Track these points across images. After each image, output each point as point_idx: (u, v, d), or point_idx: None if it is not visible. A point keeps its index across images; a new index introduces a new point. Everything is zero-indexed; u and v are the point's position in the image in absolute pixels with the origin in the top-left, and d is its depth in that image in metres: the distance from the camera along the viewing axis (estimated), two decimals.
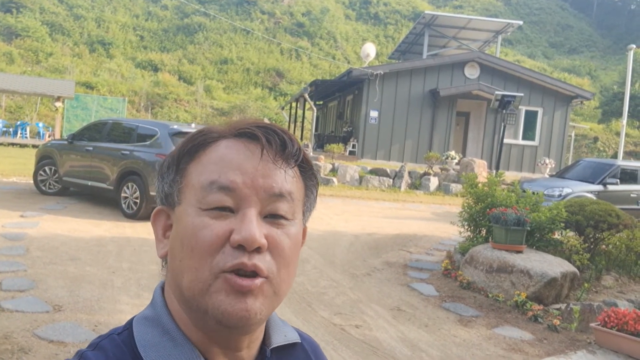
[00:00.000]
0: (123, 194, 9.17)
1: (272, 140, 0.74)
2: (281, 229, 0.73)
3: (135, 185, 8.99)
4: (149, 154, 8.99)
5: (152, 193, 8.73)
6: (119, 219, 8.91)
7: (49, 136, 23.39)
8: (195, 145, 0.76)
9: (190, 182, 0.74)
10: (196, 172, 0.74)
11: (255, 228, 0.69)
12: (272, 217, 0.73)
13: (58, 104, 23.29)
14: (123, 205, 9.15)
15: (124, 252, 6.87)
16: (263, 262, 0.71)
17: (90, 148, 9.98)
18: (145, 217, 8.93)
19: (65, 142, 10.66)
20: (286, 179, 0.74)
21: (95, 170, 9.80)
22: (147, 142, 9.21)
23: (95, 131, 10.42)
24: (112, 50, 39.33)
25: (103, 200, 10.22)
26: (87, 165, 9.98)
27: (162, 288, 0.79)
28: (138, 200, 8.94)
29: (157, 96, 33.36)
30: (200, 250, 0.70)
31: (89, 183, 9.91)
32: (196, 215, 0.72)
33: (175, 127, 9.34)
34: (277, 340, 0.82)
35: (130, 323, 0.77)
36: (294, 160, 0.76)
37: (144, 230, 8.21)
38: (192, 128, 9.50)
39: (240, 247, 0.69)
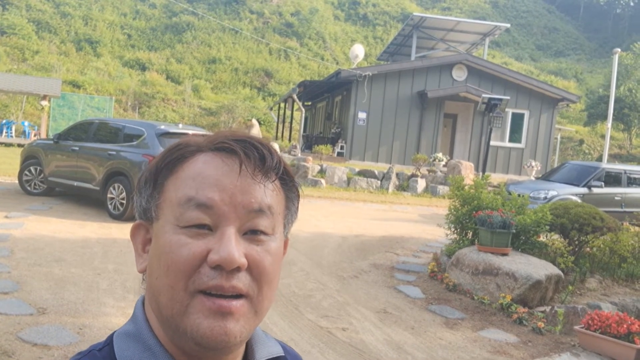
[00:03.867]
0: (109, 195, 9.10)
1: (251, 155, 0.72)
2: (261, 245, 0.72)
3: (121, 186, 8.94)
4: (136, 154, 8.94)
5: None
6: (105, 220, 8.85)
7: (35, 135, 23.15)
8: (172, 160, 0.75)
9: (168, 198, 0.73)
10: (174, 188, 0.73)
11: (233, 248, 0.68)
12: (251, 233, 0.72)
13: (44, 103, 23.06)
14: (109, 206, 9.09)
15: (110, 253, 6.82)
16: (242, 282, 0.69)
17: (77, 148, 9.91)
18: (132, 218, 8.84)
19: (51, 142, 10.57)
20: (266, 193, 0.73)
21: (82, 170, 9.72)
22: (134, 143, 9.16)
23: (82, 131, 10.34)
24: (100, 49, 39.03)
25: (89, 201, 10.14)
26: (73, 165, 9.90)
27: (143, 302, 0.78)
28: (124, 201, 8.89)
29: (144, 95, 33.16)
30: (176, 269, 0.69)
31: (75, 183, 9.83)
32: (173, 233, 0.70)
33: (162, 127, 9.29)
34: (261, 355, 0.80)
35: (110, 338, 0.76)
36: (274, 174, 0.74)
37: (130, 232, 8.15)
38: (179, 128, 9.46)
39: (219, 267, 0.68)
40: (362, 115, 20.06)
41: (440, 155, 18.12)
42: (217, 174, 0.71)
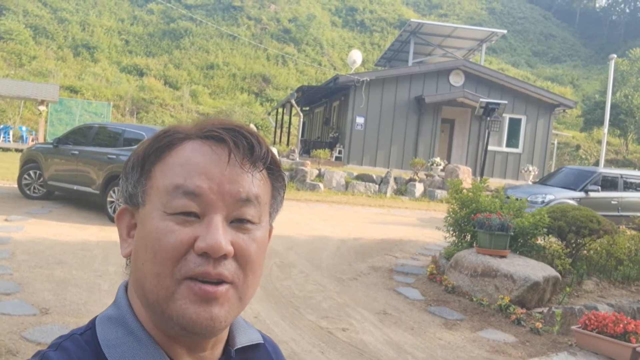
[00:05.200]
0: (109, 199, 9.14)
1: (240, 144, 0.72)
2: (247, 233, 0.73)
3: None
4: None
5: None
6: (104, 223, 8.88)
7: (33, 140, 23.17)
8: (161, 146, 0.75)
9: (155, 184, 0.73)
10: (161, 175, 0.73)
11: (220, 235, 0.68)
12: (238, 222, 0.72)
13: (42, 108, 23.09)
14: (109, 210, 9.12)
15: (110, 256, 6.85)
16: (228, 269, 0.70)
17: (76, 152, 9.94)
18: None
19: (51, 146, 10.61)
20: (253, 182, 0.73)
21: (81, 174, 9.76)
22: (134, 146, 9.19)
23: (81, 135, 10.38)
24: (97, 54, 39.11)
25: (88, 204, 10.17)
26: (72, 169, 9.94)
27: (126, 287, 0.78)
28: None
29: (142, 101, 33.22)
30: (163, 256, 0.69)
31: (75, 187, 9.86)
32: (160, 220, 0.70)
33: None
34: (241, 341, 0.82)
35: (92, 323, 0.75)
36: (262, 163, 0.74)
37: None
38: None
39: (205, 255, 0.68)
40: (359, 120, 20.14)
41: (438, 159, 18.20)
42: (206, 162, 0.71)
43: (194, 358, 0.75)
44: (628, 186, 12.97)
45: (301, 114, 21.95)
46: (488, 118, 13.88)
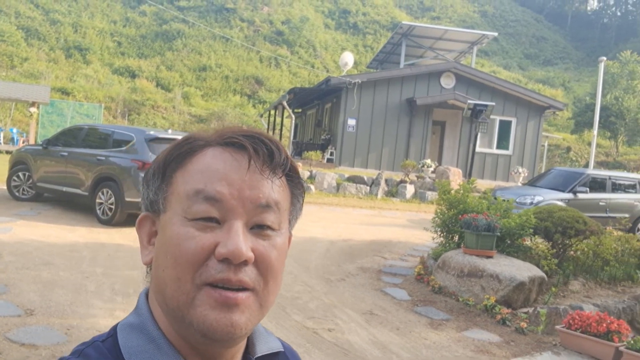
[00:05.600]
0: (98, 200, 9.12)
1: (260, 150, 0.73)
2: (267, 240, 0.73)
3: (110, 191, 8.96)
4: (125, 159, 8.97)
5: (128, 199, 8.72)
6: (93, 225, 8.86)
7: (23, 142, 23.05)
8: (181, 153, 0.76)
9: (176, 191, 0.74)
10: (182, 181, 0.74)
11: (241, 241, 0.69)
12: (258, 228, 0.73)
13: (33, 110, 22.99)
14: (98, 211, 9.10)
15: (98, 257, 6.85)
16: (249, 275, 0.70)
17: (65, 153, 9.92)
18: (120, 224, 8.90)
19: (40, 148, 10.57)
20: (273, 188, 0.73)
21: (70, 175, 9.73)
22: (123, 148, 9.19)
23: (71, 136, 10.35)
24: (89, 56, 38.98)
25: (77, 206, 10.14)
26: (61, 170, 9.91)
27: (147, 294, 0.78)
28: (113, 207, 8.91)
29: (134, 103, 33.14)
30: (184, 262, 0.69)
31: (64, 189, 9.83)
32: (181, 225, 0.71)
33: (151, 132, 9.34)
34: (261, 349, 0.82)
35: (114, 330, 0.76)
36: (281, 170, 0.75)
37: (118, 236, 8.19)
38: (169, 134, 9.51)
39: (226, 261, 0.69)
40: (351, 122, 20.19)
41: (428, 161, 18.27)
42: (226, 168, 0.72)
43: None
44: (616, 188, 13.07)
45: (293, 116, 21.97)
46: (476, 119, 13.95)
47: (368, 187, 16.64)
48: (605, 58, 20.70)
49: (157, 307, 0.75)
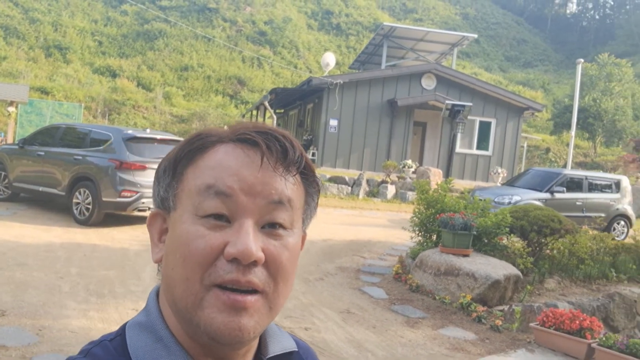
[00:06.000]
0: (75, 200, 9.02)
1: (273, 147, 0.71)
2: (279, 240, 0.71)
3: (87, 191, 8.86)
4: (102, 159, 8.88)
5: (105, 199, 8.64)
6: (70, 225, 8.76)
7: (1, 142, 22.71)
8: (192, 150, 0.74)
9: (187, 187, 0.72)
10: (193, 177, 0.72)
11: (251, 241, 0.67)
12: (270, 227, 0.71)
13: (11, 109, 22.64)
14: (75, 211, 9.00)
15: (74, 257, 6.77)
16: (259, 277, 0.68)
17: (42, 153, 9.80)
18: (97, 224, 8.80)
19: (16, 147, 10.43)
20: (286, 185, 0.72)
21: (47, 175, 9.61)
22: (101, 147, 9.10)
23: (48, 136, 10.22)
24: (69, 55, 38.49)
25: (54, 206, 10.02)
26: (38, 170, 9.79)
27: (157, 293, 0.77)
28: (90, 206, 8.81)
29: (114, 102, 32.80)
30: (192, 261, 0.68)
31: (40, 189, 9.71)
32: (191, 223, 0.70)
33: (129, 132, 9.26)
34: (274, 349, 0.80)
35: (122, 329, 0.75)
36: (295, 168, 0.73)
37: (95, 236, 8.10)
38: (147, 133, 9.44)
39: (235, 261, 0.67)
40: (333, 122, 20.22)
41: (409, 162, 18.37)
42: (238, 164, 0.70)
43: None
44: (593, 188, 13.26)
45: (274, 116, 21.94)
46: (454, 120, 14.06)
47: (350, 188, 16.69)
48: (582, 60, 20.99)
49: (166, 306, 0.74)
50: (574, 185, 12.99)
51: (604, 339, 4.96)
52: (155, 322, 0.73)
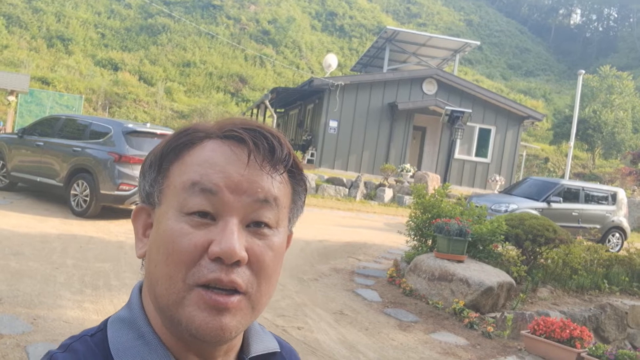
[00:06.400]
0: (72, 192, 9.03)
1: (260, 145, 0.71)
2: (264, 239, 0.70)
3: (85, 183, 8.88)
4: (102, 151, 8.90)
5: (103, 191, 8.65)
6: (66, 217, 8.77)
7: (0, 130, 22.69)
8: (179, 145, 0.73)
9: (172, 183, 0.72)
10: (179, 172, 0.71)
11: (235, 240, 0.67)
12: (255, 226, 0.70)
13: (11, 98, 22.64)
14: (72, 203, 9.01)
15: (70, 249, 6.79)
16: (242, 276, 0.68)
17: (41, 143, 9.81)
18: (94, 216, 8.82)
19: (16, 137, 10.44)
20: (273, 184, 0.71)
21: (45, 166, 9.62)
22: (100, 140, 9.11)
23: (47, 126, 10.23)
24: (72, 47, 38.47)
25: (51, 197, 10.03)
26: (37, 160, 9.79)
27: (140, 288, 0.77)
28: (88, 199, 8.83)
29: (115, 95, 32.80)
30: (176, 259, 0.67)
31: (38, 179, 9.72)
32: (176, 220, 0.69)
33: (129, 125, 9.28)
34: (256, 349, 0.79)
35: (104, 324, 0.74)
36: (282, 166, 0.72)
37: (91, 229, 8.12)
38: (147, 127, 9.45)
39: (219, 260, 0.66)
40: (333, 123, 20.25)
41: (408, 166, 18.41)
42: (224, 162, 0.70)
43: None
44: (589, 199, 13.31)
45: (275, 116, 21.97)
46: (453, 126, 14.11)
47: (347, 189, 16.72)
48: (583, 71, 21.07)
49: (149, 302, 0.73)
50: (570, 195, 13.04)
51: (593, 348, 5.00)
52: (138, 318, 0.73)
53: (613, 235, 13.42)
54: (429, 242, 7.87)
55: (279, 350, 0.84)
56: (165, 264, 0.68)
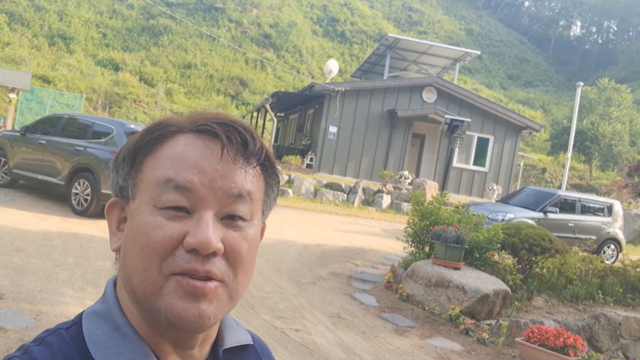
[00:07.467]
0: (74, 190, 9.09)
1: (233, 139, 0.71)
2: (238, 231, 0.71)
3: (87, 182, 8.94)
4: (103, 151, 8.97)
5: (104, 191, 8.71)
6: (67, 215, 8.84)
7: (0, 128, 22.73)
8: (152, 139, 0.73)
9: (146, 178, 0.72)
10: (152, 167, 0.72)
11: (210, 232, 0.67)
12: (229, 219, 0.71)
13: (12, 96, 22.69)
14: (73, 202, 9.07)
15: (71, 247, 6.85)
16: (217, 266, 0.69)
17: (44, 141, 9.87)
18: (95, 215, 8.88)
19: (18, 134, 10.50)
20: (246, 178, 0.72)
21: (47, 164, 9.69)
22: (102, 140, 9.19)
23: (50, 125, 10.30)
24: (73, 46, 38.55)
25: (52, 195, 10.09)
26: (39, 158, 9.86)
27: (115, 282, 0.77)
28: (89, 198, 8.89)
29: (116, 95, 32.87)
30: (151, 251, 0.68)
31: (40, 177, 9.78)
32: (150, 214, 0.69)
33: (132, 126, 9.35)
34: (230, 341, 0.81)
35: (79, 317, 0.74)
36: (255, 160, 0.73)
37: (92, 228, 8.18)
38: None
39: (194, 251, 0.67)
40: (333, 129, 20.36)
41: (406, 173, 18.51)
42: (198, 156, 0.70)
43: (181, 356, 0.75)
44: (585, 210, 13.42)
45: (275, 119, 22.05)
46: (452, 134, 14.22)
47: (345, 195, 16.80)
48: (582, 83, 21.23)
49: (124, 295, 0.74)
50: (567, 206, 13.15)
51: (586, 357, 5.08)
52: (113, 310, 0.73)
53: (608, 247, 13.53)
54: (427, 248, 7.96)
55: (252, 343, 0.87)
56: (140, 256, 0.69)
